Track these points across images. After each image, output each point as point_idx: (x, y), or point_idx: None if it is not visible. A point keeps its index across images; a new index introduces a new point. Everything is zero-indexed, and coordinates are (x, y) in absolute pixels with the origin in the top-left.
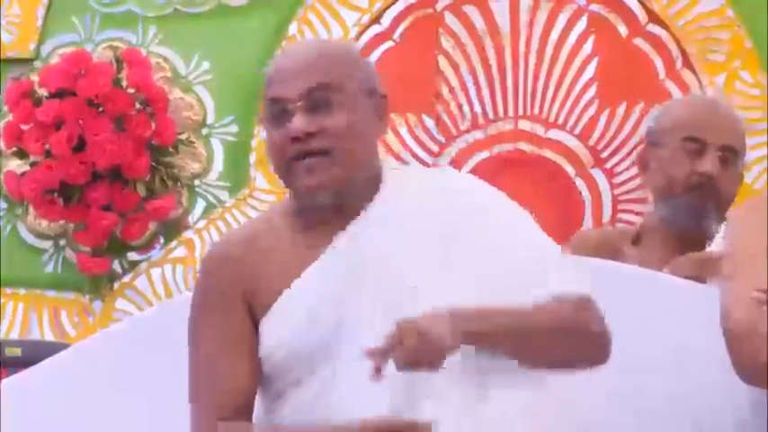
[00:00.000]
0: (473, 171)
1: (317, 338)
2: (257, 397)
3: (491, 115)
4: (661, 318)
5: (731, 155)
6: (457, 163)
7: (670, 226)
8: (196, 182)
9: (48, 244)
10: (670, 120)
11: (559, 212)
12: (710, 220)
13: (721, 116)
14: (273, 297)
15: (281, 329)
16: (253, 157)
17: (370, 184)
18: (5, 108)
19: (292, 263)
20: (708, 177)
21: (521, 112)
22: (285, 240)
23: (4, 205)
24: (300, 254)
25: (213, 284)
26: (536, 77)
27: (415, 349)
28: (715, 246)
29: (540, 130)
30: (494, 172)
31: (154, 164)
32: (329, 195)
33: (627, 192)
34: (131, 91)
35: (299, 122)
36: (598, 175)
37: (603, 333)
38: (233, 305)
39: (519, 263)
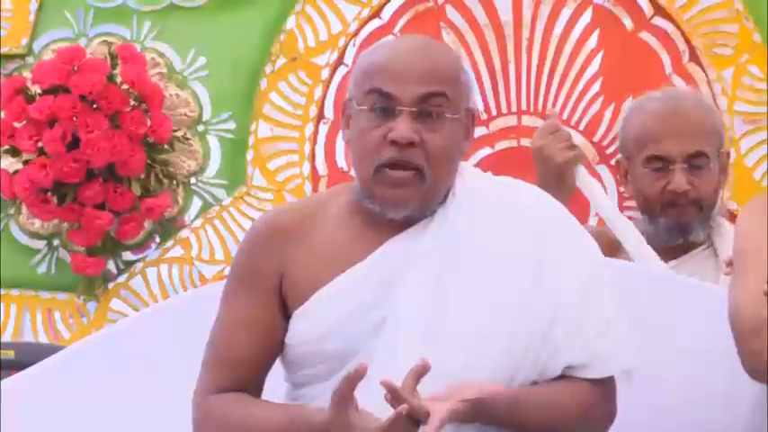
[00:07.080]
0: (476, 167)
1: (351, 337)
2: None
3: (494, 111)
4: (665, 315)
5: (703, 159)
6: None
7: (655, 241)
8: (192, 180)
9: (41, 244)
10: (632, 136)
11: None
12: (695, 230)
13: (683, 121)
14: (310, 286)
15: (315, 324)
16: (250, 155)
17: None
18: None
19: (338, 257)
20: (680, 194)
21: (524, 108)
22: (337, 231)
23: None
24: (349, 250)
25: (250, 255)
26: (540, 72)
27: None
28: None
29: None
30: (497, 168)
31: (149, 161)
32: (406, 212)
33: None
34: (126, 87)
35: (406, 128)
36: (603, 171)
37: (610, 415)
38: (262, 283)
39: (562, 314)
